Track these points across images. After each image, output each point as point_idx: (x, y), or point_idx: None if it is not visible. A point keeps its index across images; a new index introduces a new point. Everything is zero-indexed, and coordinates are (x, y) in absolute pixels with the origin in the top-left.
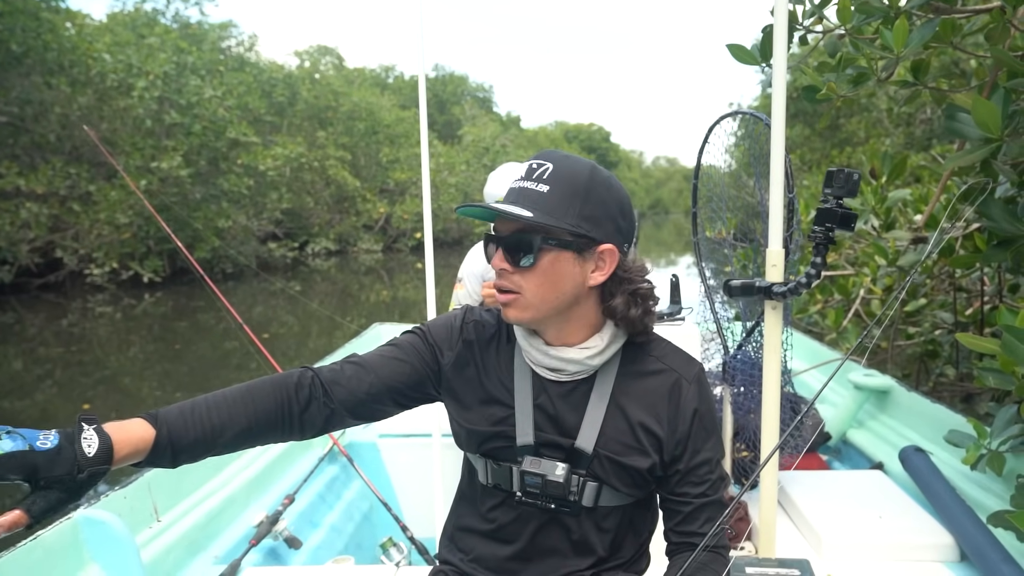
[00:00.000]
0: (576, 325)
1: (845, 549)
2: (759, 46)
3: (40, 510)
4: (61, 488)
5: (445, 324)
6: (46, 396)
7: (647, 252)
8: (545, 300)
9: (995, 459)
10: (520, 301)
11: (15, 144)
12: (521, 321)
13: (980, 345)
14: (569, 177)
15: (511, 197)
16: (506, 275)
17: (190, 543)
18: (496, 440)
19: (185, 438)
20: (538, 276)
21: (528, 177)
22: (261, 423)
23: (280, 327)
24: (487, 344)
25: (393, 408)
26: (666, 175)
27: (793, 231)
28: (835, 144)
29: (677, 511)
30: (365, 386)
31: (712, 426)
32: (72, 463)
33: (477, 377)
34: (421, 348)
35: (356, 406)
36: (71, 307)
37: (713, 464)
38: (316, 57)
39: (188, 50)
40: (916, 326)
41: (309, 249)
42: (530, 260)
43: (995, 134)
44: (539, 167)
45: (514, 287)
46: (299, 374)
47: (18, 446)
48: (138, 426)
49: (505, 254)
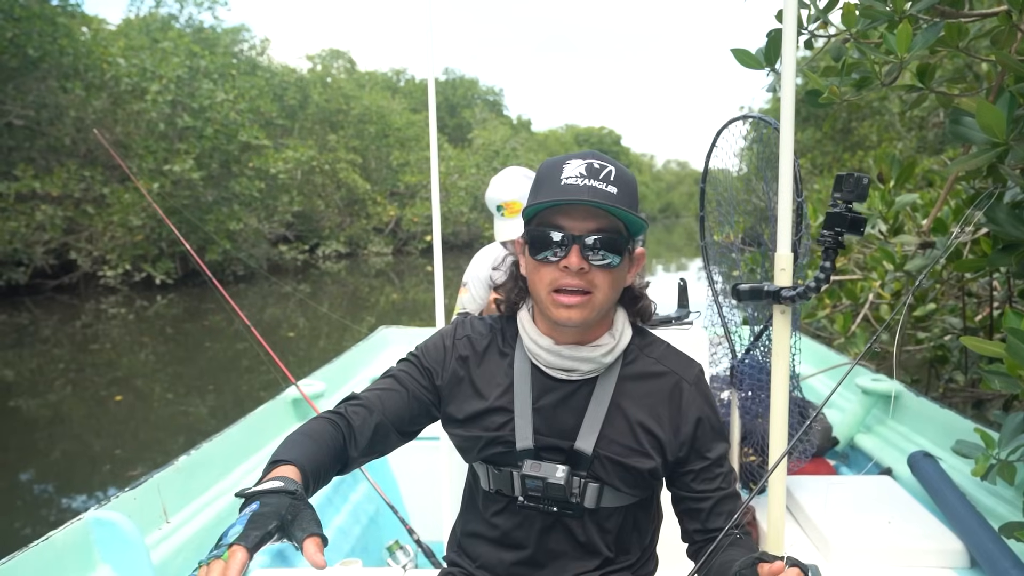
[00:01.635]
0: (600, 323)
1: (854, 555)
2: (763, 50)
3: (255, 542)
4: (277, 517)
5: (437, 346)
6: (59, 396)
7: (658, 256)
8: (609, 300)
9: (1005, 469)
10: (592, 301)
11: (31, 147)
12: (586, 322)
13: (986, 348)
14: (630, 182)
15: (581, 194)
16: (582, 274)
17: (199, 544)
18: (496, 446)
19: (312, 471)
20: (615, 276)
21: (594, 176)
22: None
23: (291, 329)
24: (483, 355)
25: (399, 441)
26: (677, 179)
27: (802, 235)
28: (847, 148)
29: (698, 509)
30: (369, 430)
31: (717, 424)
32: (280, 491)
33: (474, 390)
34: (417, 376)
35: (366, 449)
36: (85, 308)
37: (722, 459)
38: (328, 61)
39: (201, 54)
40: (926, 331)
41: (320, 252)
42: (617, 260)
43: (1000, 138)
44: (601, 168)
45: (587, 286)
46: (342, 430)
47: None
48: (282, 468)
49: (583, 251)
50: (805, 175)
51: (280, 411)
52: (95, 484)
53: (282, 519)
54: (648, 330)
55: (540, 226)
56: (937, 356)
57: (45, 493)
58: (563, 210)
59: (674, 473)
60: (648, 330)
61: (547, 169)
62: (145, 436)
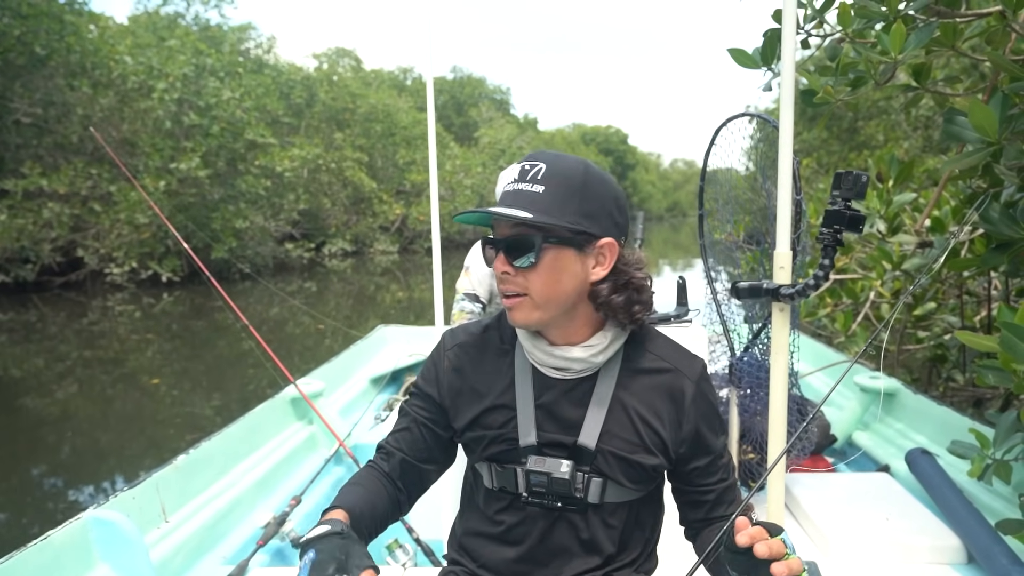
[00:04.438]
0: (580, 323)
1: (852, 551)
2: (760, 50)
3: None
4: (334, 560)
5: (428, 368)
6: (67, 394)
7: (665, 255)
8: (551, 299)
9: (1002, 468)
10: (527, 302)
11: (38, 145)
12: (529, 323)
13: (979, 343)
14: (563, 175)
15: (506, 200)
16: (509, 278)
17: (198, 544)
18: (499, 444)
19: (360, 511)
20: (542, 275)
21: (522, 179)
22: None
23: (296, 327)
24: (479, 359)
25: (435, 471)
26: (684, 178)
27: (800, 233)
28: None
29: (702, 501)
30: (397, 471)
31: (718, 421)
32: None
33: (475, 393)
34: (421, 405)
35: (406, 488)
36: (91, 306)
37: (723, 451)
38: (334, 59)
39: (207, 52)
40: (926, 330)
41: (326, 250)
42: (531, 259)
43: (992, 138)
44: (532, 168)
45: (520, 288)
46: (382, 474)
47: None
48: (331, 514)
49: (506, 256)
50: (811, 175)
51: (279, 410)
52: (103, 481)
53: (338, 560)
54: (651, 327)
55: (485, 236)
56: (937, 355)
57: (54, 489)
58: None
59: (677, 468)
60: (651, 327)
61: (501, 177)
62: (152, 432)
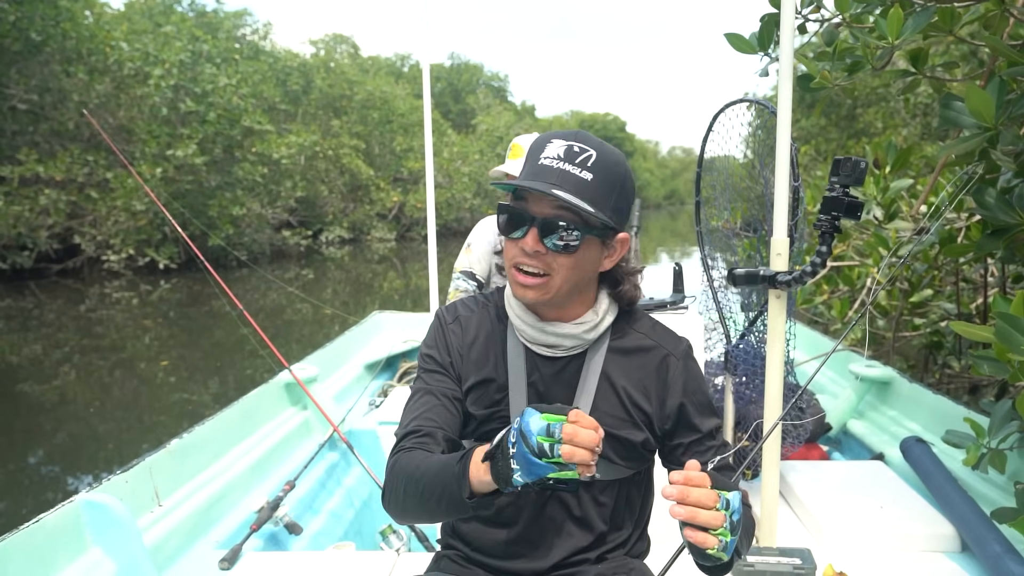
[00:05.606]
0: (577, 302)
1: (846, 539)
2: (757, 35)
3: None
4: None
5: (438, 339)
6: (64, 380)
7: (663, 242)
8: (568, 282)
9: (996, 457)
10: (549, 284)
11: (35, 131)
12: (541, 301)
13: (975, 333)
14: (611, 168)
15: (551, 177)
16: (538, 255)
17: (191, 528)
18: (491, 423)
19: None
20: (572, 261)
21: (569, 160)
22: None
23: (295, 314)
24: (474, 335)
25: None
26: (682, 165)
27: (797, 220)
28: (852, 135)
29: None
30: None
31: (704, 398)
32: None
33: (471, 365)
34: (442, 379)
35: None
36: (89, 292)
37: (714, 432)
38: (331, 46)
39: (203, 38)
40: (922, 317)
41: (323, 237)
42: (569, 244)
43: (989, 123)
44: (581, 152)
45: (544, 268)
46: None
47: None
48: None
49: (541, 235)
50: (809, 162)
51: (273, 395)
52: (99, 467)
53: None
54: (638, 307)
55: (509, 203)
56: (933, 342)
57: (51, 475)
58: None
59: (665, 447)
60: (638, 307)
61: (535, 145)
62: (149, 419)
